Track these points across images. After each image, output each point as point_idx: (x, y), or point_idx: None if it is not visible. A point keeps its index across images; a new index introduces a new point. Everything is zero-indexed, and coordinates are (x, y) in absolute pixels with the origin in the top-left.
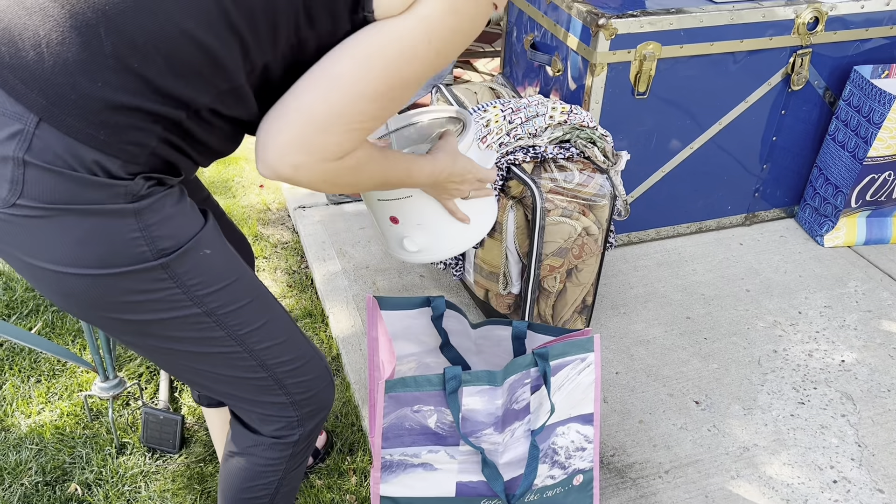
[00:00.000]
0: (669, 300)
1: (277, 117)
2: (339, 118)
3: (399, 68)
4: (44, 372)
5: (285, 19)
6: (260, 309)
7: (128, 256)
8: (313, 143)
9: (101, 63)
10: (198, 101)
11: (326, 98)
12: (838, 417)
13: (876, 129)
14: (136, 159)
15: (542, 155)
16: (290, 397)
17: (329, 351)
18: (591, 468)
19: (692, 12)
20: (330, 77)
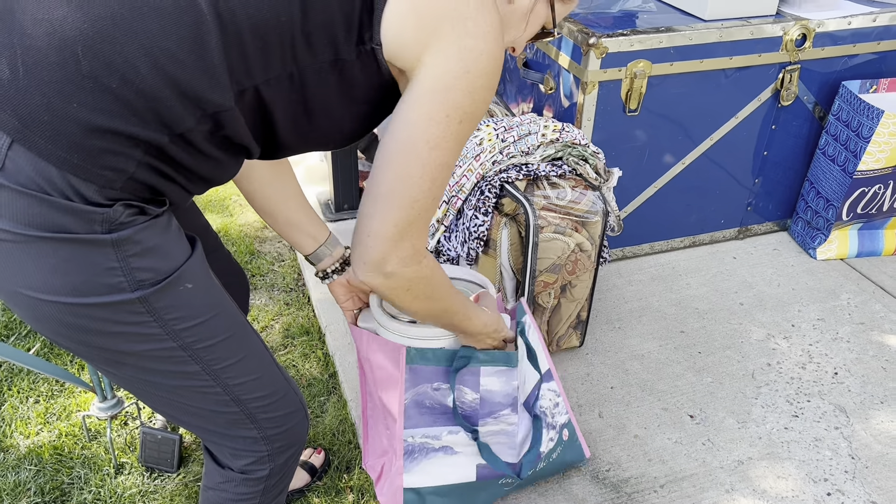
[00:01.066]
0: (664, 314)
1: (361, 236)
2: (406, 226)
3: (434, 158)
4: (42, 392)
5: (278, 43)
6: (237, 345)
7: (104, 287)
8: (396, 253)
9: (77, 83)
10: (181, 124)
11: (391, 215)
12: (832, 430)
13: (865, 143)
14: (112, 184)
15: (534, 173)
16: (261, 432)
17: (326, 368)
18: (568, 419)
19: (682, 31)
20: (383, 194)
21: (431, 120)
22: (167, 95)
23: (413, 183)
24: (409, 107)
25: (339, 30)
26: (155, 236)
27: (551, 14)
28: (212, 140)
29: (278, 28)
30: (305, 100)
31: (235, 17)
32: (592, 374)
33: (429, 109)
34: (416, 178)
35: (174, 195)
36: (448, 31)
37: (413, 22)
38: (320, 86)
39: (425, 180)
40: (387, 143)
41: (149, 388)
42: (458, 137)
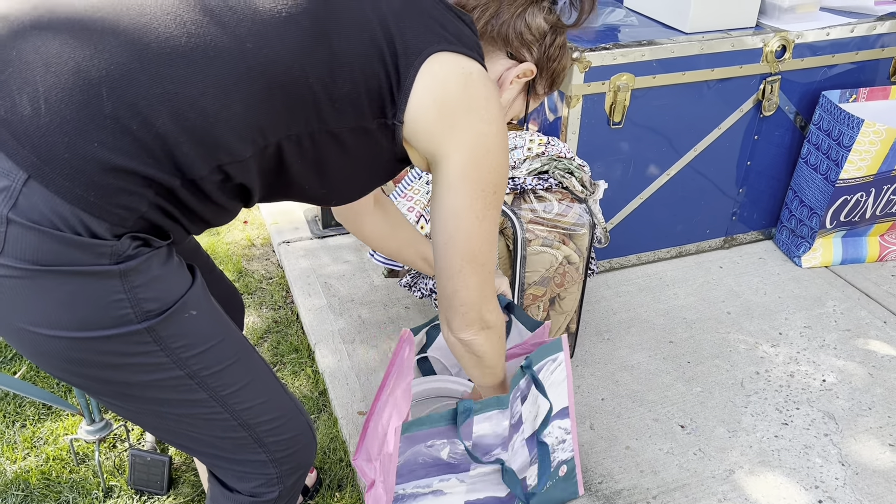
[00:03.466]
0: (652, 325)
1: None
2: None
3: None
4: (29, 416)
5: (305, 102)
6: (243, 369)
7: (111, 319)
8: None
9: (99, 123)
10: (195, 170)
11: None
12: (821, 437)
13: (846, 152)
14: (123, 223)
15: (521, 186)
16: (270, 455)
17: (315, 386)
18: (572, 457)
19: (663, 43)
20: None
21: (472, 199)
22: (185, 141)
23: (476, 253)
24: (448, 195)
25: (364, 99)
26: (158, 267)
27: (525, 108)
28: (221, 188)
29: (307, 87)
30: (322, 159)
31: (267, 72)
32: (583, 385)
33: (467, 192)
34: (476, 249)
35: (176, 234)
36: (465, 123)
37: (435, 113)
38: (339, 148)
39: (485, 244)
40: (442, 229)
41: (156, 419)
42: (497, 203)
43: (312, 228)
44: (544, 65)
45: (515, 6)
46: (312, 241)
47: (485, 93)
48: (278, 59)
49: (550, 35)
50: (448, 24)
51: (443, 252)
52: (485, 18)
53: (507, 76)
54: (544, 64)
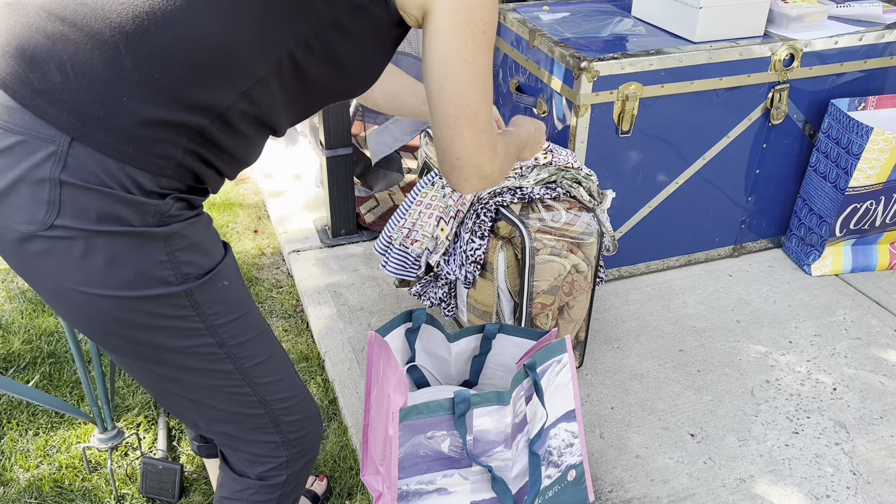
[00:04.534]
0: (661, 333)
1: (452, 164)
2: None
3: (475, 69)
4: (42, 425)
5: (299, 9)
6: (265, 344)
7: (154, 280)
8: (483, 168)
9: (124, 78)
10: (220, 103)
11: (465, 136)
12: (832, 446)
13: (855, 160)
14: (164, 171)
15: (529, 196)
16: (282, 436)
17: (325, 395)
18: (580, 462)
19: (671, 53)
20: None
21: (462, 41)
22: (203, 78)
23: (469, 100)
24: (438, 40)
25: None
26: (198, 233)
27: None
28: (247, 118)
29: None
30: (333, 53)
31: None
32: (592, 394)
33: (456, 34)
34: (469, 95)
35: (212, 181)
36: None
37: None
38: (344, 36)
39: (476, 91)
40: (433, 77)
41: (180, 390)
42: (487, 44)
43: (322, 238)
44: None
45: None
46: (322, 250)
47: None
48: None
49: None
50: None
51: (436, 102)
52: None
53: None
54: None
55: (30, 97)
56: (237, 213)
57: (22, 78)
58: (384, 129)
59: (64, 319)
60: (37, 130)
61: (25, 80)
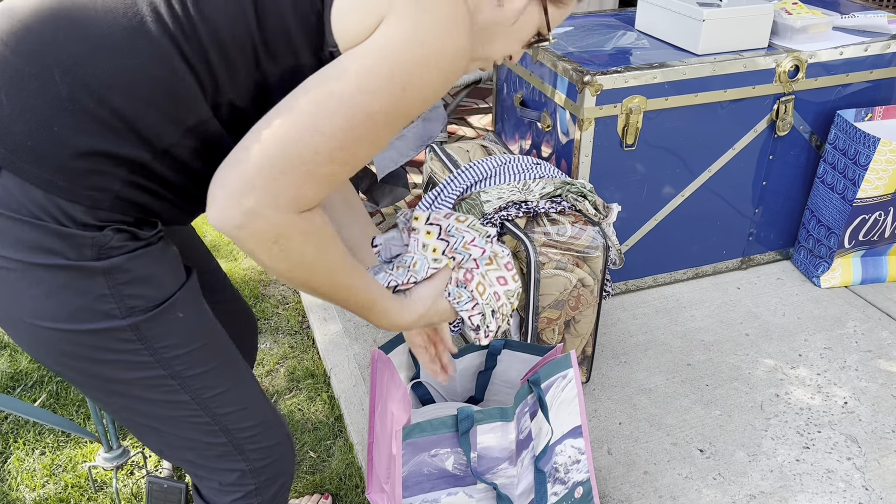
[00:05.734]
0: (669, 347)
1: (231, 160)
2: (293, 155)
3: (358, 102)
4: (48, 444)
5: (240, 53)
6: (225, 374)
7: (96, 314)
8: (268, 182)
9: (57, 106)
10: (162, 139)
11: (278, 132)
12: (844, 461)
13: (863, 171)
14: (99, 204)
15: (534, 210)
16: (249, 464)
17: (331, 411)
18: (587, 478)
19: (675, 66)
20: (281, 112)
21: (371, 72)
22: (143, 113)
23: (325, 117)
24: (348, 57)
25: (297, 35)
26: (147, 265)
27: (545, 18)
28: (197, 154)
29: (238, 40)
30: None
31: (194, 33)
32: (600, 410)
33: (371, 63)
34: (330, 114)
35: (167, 214)
36: (403, 9)
37: (357, 9)
38: (286, 90)
39: (341, 121)
40: (312, 77)
41: (140, 419)
42: (396, 104)
43: None
44: None
45: None
46: None
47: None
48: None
49: None
50: None
51: (288, 97)
52: None
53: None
54: None
55: None
56: None
57: None
58: (390, 145)
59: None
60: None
61: None
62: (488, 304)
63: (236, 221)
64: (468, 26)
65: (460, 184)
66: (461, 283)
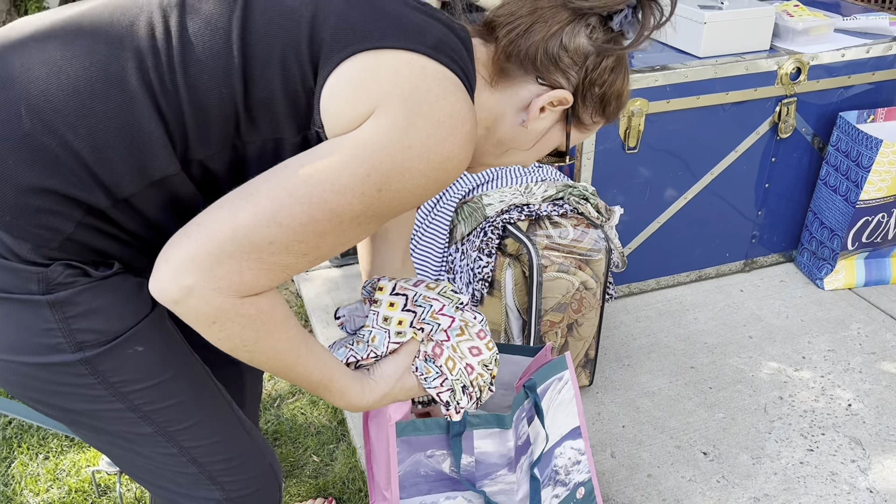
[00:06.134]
0: (673, 350)
1: (182, 232)
2: (244, 241)
3: (325, 199)
4: (52, 449)
5: (219, 118)
6: (195, 407)
7: (42, 347)
8: (211, 264)
9: (16, 142)
10: (123, 188)
11: (234, 215)
12: (848, 463)
13: (865, 173)
14: (47, 244)
15: (536, 213)
16: (225, 493)
17: (334, 416)
18: (589, 479)
19: (677, 68)
20: (244, 193)
21: (345, 169)
22: (105, 159)
23: (287, 207)
24: (325, 148)
25: (282, 109)
26: (99, 297)
27: (566, 140)
28: (159, 206)
29: (219, 105)
30: (248, 172)
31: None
32: (603, 413)
33: (348, 159)
34: (293, 205)
35: (128, 259)
36: (397, 106)
37: (349, 95)
38: (263, 160)
39: (303, 215)
40: (287, 162)
41: (107, 447)
42: (367, 205)
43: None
44: (587, 91)
45: (552, 24)
46: (331, 270)
47: (441, 93)
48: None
49: (595, 58)
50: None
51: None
52: (511, 37)
53: (535, 104)
54: (586, 90)
55: None
56: None
57: None
58: None
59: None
60: None
61: None
62: (458, 379)
63: (173, 296)
64: (468, 136)
65: (462, 187)
66: (430, 357)
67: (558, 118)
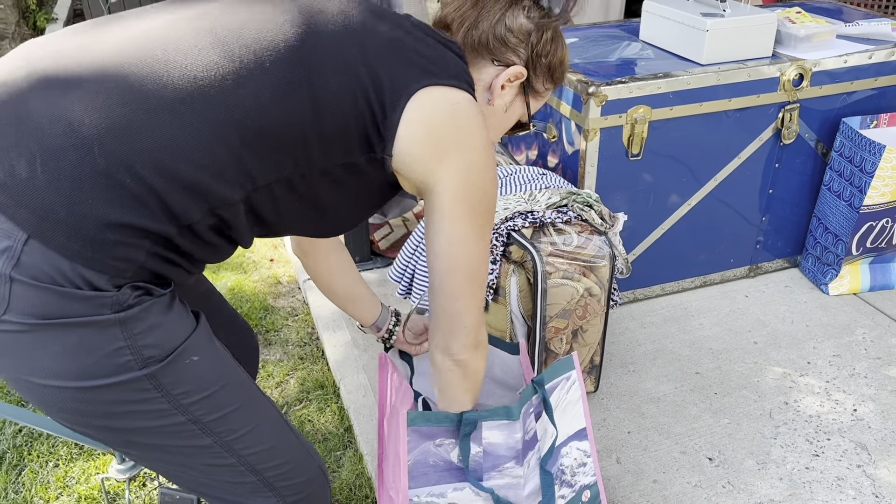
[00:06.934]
0: (678, 356)
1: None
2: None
3: (480, 247)
4: (62, 456)
5: (292, 145)
6: (248, 414)
7: (112, 367)
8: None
9: (93, 181)
10: (189, 216)
11: (473, 307)
12: (854, 468)
13: (869, 178)
14: (123, 274)
15: (540, 220)
16: (281, 499)
17: (341, 422)
18: (594, 482)
19: (679, 76)
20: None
21: (470, 224)
22: (175, 190)
23: (477, 274)
24: (446, 223)
25: (353, 136)
26: (159, 314)
27: (526, 109)
28: (216, 230)
29: (293, 132)
30: (315, 196)
31: (250, 120)
32: (608, 419)
33: (464, 219)
34: (478, 269)
35: (178, 278)
36: (454, 153)
37: (424, 145)
38: (331, 184)
39: (483, 265)
40: (443, 255)
41: (166, 465)
42: (490, 221)
43: None
44: (536, 63)
45: (494, 11)
46: None
47: (472, 121)
48: (262, 108)
49: (536, 33)
50: (434, 56)
51: (446, 278)
52: (463, 30)
53: (496, 83)
54: (535, 62)
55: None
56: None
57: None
58: None
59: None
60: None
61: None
62: None
63: (454, 372)
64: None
65: None
66: None
67: (517, 92)
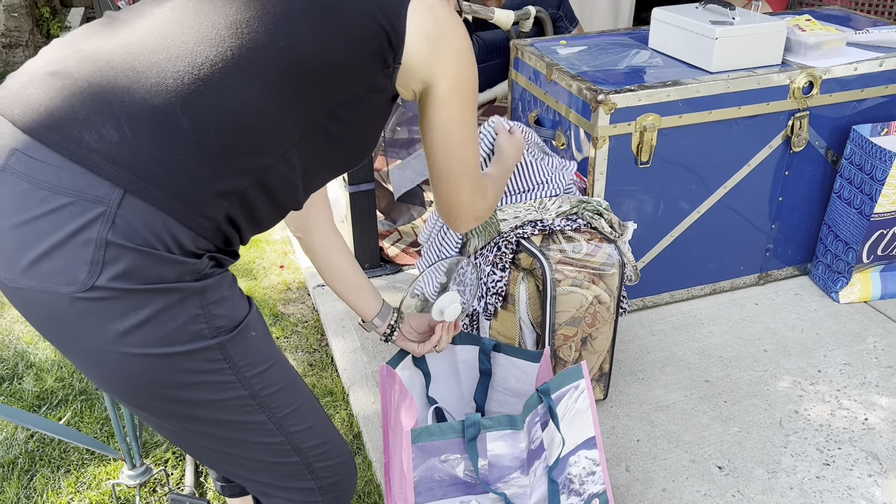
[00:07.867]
0: (687, 364)
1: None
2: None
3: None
4: (73, 462)
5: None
6: (295, 392)
7: (189, 335)
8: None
9: (180, 137)
10: (260, 160)
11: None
12: (865, 478)
13: (880, 186)
14: (205, 232)
15: (549, 227)
16: (318, 482)
17: (350, 429)
18: (604, 490)
19: (688, 83)
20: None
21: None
22: (245, 139)
23: (466, 157)
24: (440, 112)
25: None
26: (227, 288)
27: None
28: (282, 179)
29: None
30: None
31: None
32: (618, 427)
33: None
34: (467, 153)
35: (236, 245)
36: (446, 47)
37: (426, 47)
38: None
39: (473, 145)
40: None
41: (215, 444)
42: (475, 101)
43: None
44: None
45: None
46: None
47: (448, 11)
48: (303, 49)
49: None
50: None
51: (440, 164)
52: None
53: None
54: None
55: (85, 155)
56: (263, 248)
57: (76, 138)
58: (406, 164)
59: (96, 383)
60: (86, 192)
61: (79, 140)
62: None
63: (476, 223)
64: None
65: None
66: None
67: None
